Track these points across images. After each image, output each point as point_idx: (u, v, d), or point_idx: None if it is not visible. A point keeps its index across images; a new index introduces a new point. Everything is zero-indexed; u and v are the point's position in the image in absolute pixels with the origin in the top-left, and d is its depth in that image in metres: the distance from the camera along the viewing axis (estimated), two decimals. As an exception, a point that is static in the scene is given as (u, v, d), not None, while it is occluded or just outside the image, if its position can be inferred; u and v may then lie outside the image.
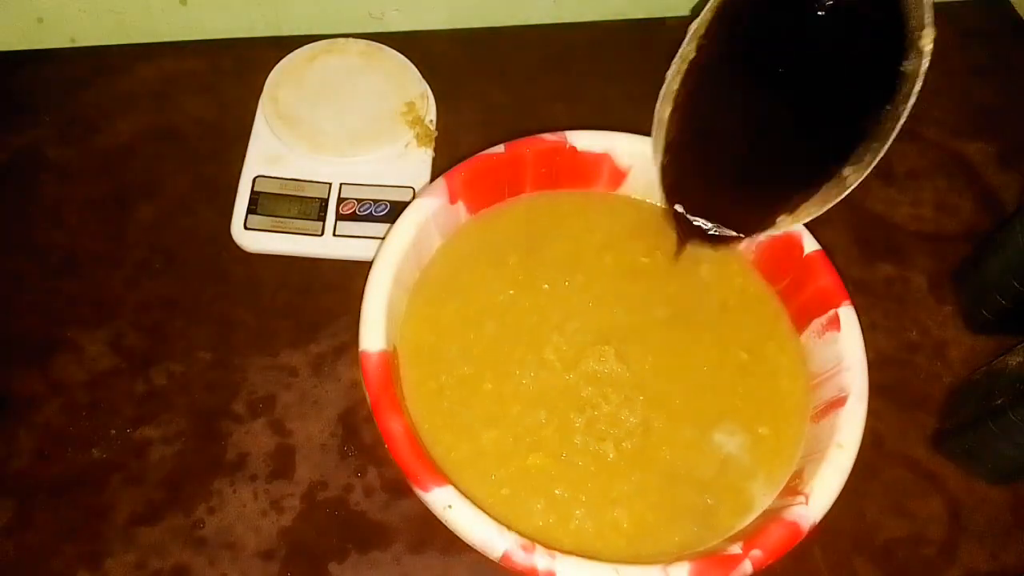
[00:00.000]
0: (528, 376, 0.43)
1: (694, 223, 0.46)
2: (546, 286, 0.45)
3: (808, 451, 0.42)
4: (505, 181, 0.47)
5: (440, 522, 0.37)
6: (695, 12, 0.42)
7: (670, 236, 0.47)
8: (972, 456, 0.46)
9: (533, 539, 0.36)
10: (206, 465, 0.45)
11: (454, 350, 0.43)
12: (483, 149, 0.46)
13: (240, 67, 0.57)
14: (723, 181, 0.46)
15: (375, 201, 0.51)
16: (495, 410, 0.42)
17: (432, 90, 0.55)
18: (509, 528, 0.36)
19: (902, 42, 0.39)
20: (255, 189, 0.51)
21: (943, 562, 0.45)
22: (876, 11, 0.39)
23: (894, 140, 0.40)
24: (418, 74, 0.55)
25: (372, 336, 0.40)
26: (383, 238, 0.44)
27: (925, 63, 0.38)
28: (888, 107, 0.40)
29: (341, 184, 0.51)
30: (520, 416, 0.42)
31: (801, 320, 0.45)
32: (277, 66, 0.55)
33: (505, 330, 0.44)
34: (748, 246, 0.47)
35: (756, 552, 0.37)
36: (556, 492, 0.40)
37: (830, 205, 0.44)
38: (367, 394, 0.39)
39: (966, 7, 0.65)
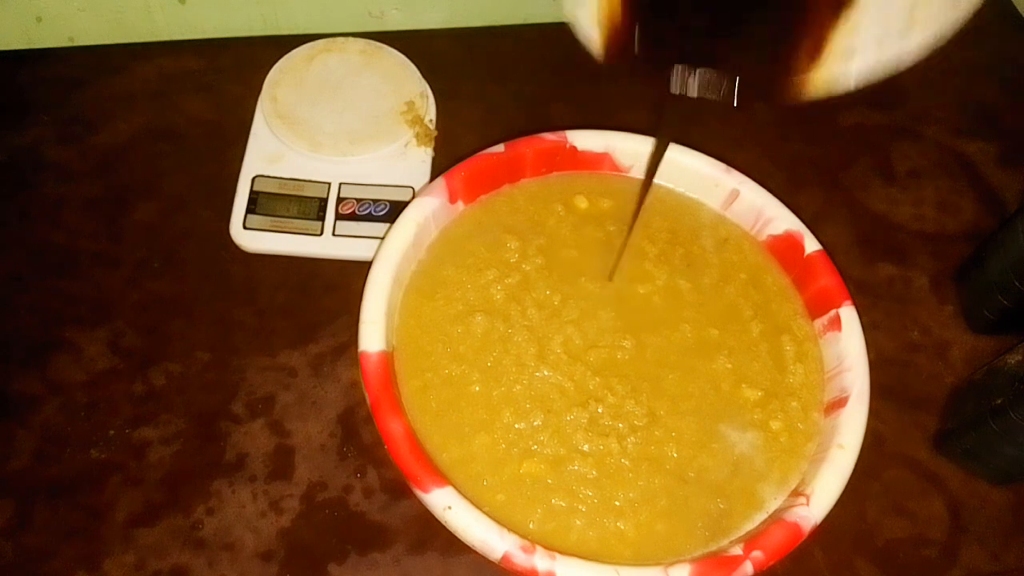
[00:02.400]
0: (524, 376, 0.42)
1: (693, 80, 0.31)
2: (545, 276, 0.44)
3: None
4: (505, 180, 0.47)
5: (440, 523, 0.37)
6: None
7: (675, 220, 0.46)
8: (973, 456, 0.46)
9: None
10: (205, 466, 0.44)
11: (439, 347, 0.42)
12: (483, 148, 0.46)
13: (239, 66, 0.56)
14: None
15: (374, 201, 0.51)
16: (484, 415, 0.41)
17: (432, 89, 0.55)
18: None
19: None
20: (254, 189, 0.51)
21: (944, 563, 0.45)
22: None
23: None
24: (418, 73, 0.55)
25: (371, 336, 0.40)
26: (382, 238, 0.44)
27: None
28: None
29: (340, 184, 0.51)
30: (512, 422, 0.41)
31: (809, 316, 0.45)
32: (276, 65, 0.54)
33: (497, 326, 0.43)
34: (759, 233, 0.47)
35: (757, 553, 0.36)
36: (553, 501, 0.39)
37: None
38: (366, 395, 0.39)
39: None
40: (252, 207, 0.50)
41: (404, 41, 0.56)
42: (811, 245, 0.45)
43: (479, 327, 0.43)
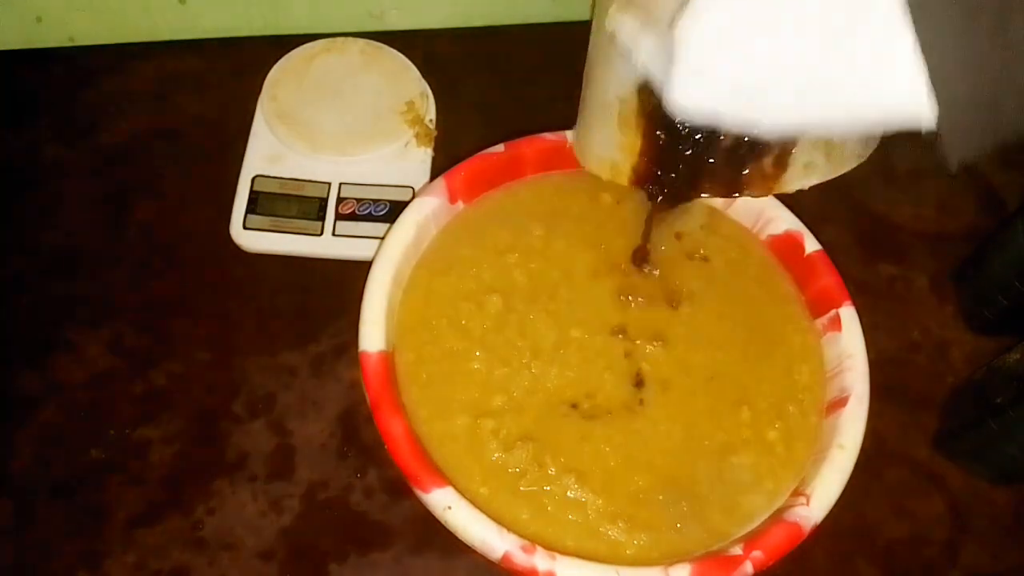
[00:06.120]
0: (535, 363, 0.42)
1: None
2: (569, 267, 0.44)
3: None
4: (505, 180, 0.47)
5: (440, 523, 0.37)
6: None
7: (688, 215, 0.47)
8: (974, 456, 0.46)
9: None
10: (205, 466, 0.44)
11: (444, 322, 0.42)
12: (483, 149, 0.46)
13: (239, 66, 0.56)
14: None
15: (375, 201, 0.51)
16: (477, 394, 0.41)
17: (432, 89, 0.55)
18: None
19: None
20: (254, 188, 0.51)
21: (945, 563, 0.45)
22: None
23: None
24: (418, 73, 0.55)
25: (372, 336, 0.40)
26: (383, 238, 0.44)
27: None
28: None
29: (340, 184, 0.51)
30: (503, 406, 0.41)
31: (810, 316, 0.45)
32: (276, 65, 0.54)
33: (516, 308, 0.43)
34: (759, 233, 0.47)
35: (757, 553, 0.36)
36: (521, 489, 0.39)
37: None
38: (367, 395, 0.39)
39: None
40: (252, 207, 0.50)
41: (404, 41, 0.56)
42: (811, 245, 0.45)
43: (493, 307, 0.43)
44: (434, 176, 0.50)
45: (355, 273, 0.43)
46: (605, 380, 0.42)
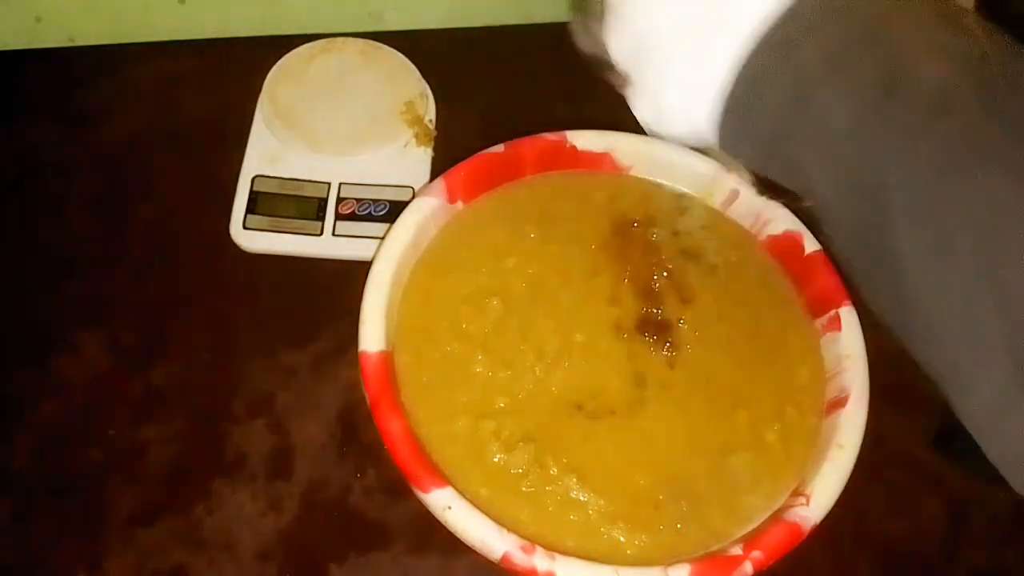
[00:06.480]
0: (533, 367, 0.41)
1: None
2: (564, 270, 0.44)
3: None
4: (505, 180, 0.47)
5: (440, 523, 0.37)
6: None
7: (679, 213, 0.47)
8: (973, 456, 0.46)
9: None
10: (205, 465, 0.44)
11: (443, 324, 0.42)
12: (483, 148, 0.46)
13: (239, 66, 0.56)
14: None
15: (374, 201, 0.51)
16: (479, 396, 0.41)
17: (432, 89, 0.55)
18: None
19: None
20: (254, 188, 0.51)
21: (944, 562, 0.45)
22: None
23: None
24: (417, 73, 0.55)
25: (371, 336, 0.40)
26: (382, 238, 0.44)
27: None
28: None
29: (340, 183, 0.51)
30: (507, 408, 0.41)
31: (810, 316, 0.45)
32: (276, 65, 0.54)
33: (518, 311, 0.43)
34: (759, 233, 0.47)
35: (756, 553, 0.36)
36: (547, 504, 0.39)
37: None
38: (366, 395, 0.39)
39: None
40: (252, 207, 0.50)
41: (404, 41, 0.56)
42: (811, 245, 0.45)
43: (494, 311, 0.43)
44: (434, 176, 0.50)
45: (355, 273, 0.43)
46: (611, 380, 0.42)
